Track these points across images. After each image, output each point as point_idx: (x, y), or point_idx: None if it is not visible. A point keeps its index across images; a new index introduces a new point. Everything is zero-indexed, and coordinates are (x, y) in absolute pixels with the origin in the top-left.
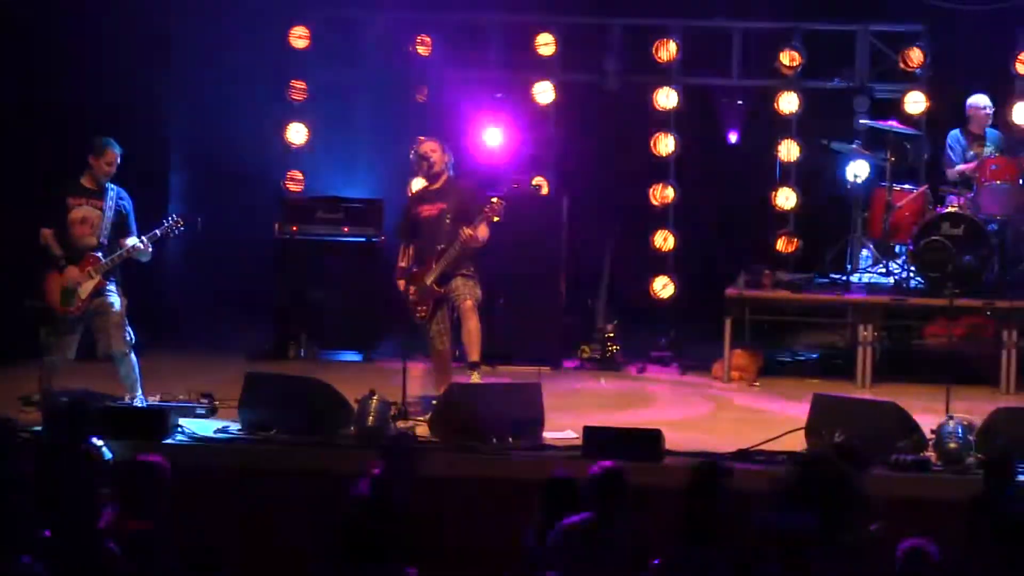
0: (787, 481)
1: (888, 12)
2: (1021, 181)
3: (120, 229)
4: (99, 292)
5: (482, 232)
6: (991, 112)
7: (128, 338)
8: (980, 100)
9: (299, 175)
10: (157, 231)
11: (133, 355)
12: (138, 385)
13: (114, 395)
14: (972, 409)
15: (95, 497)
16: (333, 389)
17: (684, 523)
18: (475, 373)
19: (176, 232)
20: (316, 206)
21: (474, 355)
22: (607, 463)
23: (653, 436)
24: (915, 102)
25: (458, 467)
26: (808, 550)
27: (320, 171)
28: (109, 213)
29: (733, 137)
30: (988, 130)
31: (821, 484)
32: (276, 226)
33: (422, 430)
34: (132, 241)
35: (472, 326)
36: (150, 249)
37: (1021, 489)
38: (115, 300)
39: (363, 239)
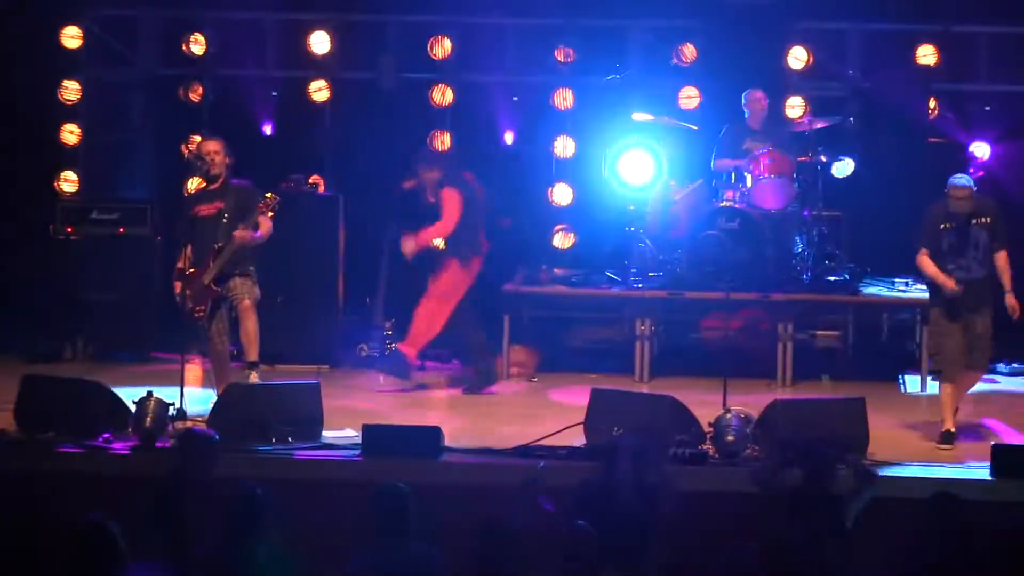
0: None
1: (662, 7)
2: (795, 175)
3: None
4: None
5: (263, 228)
6: (766, 106)
7: None
8: (755, 94)
9: (73, 176)
10: None
11: None
12: None
13: None
14: (749, 402)
15: None
16: (109, 391)
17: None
18: (254, 373)
19: None
20: (91, 207)
21: (252, 354)
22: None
23: (432, 433)
24: (689, 97)
25: (238, 467)
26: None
27: (95, 172)
28: None
29: (509, 135)
30: (763, 124)
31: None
32: (50, 227)
33: None
34: None
35: (250, 326)
36: None
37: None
38: None
39: (139, 239)
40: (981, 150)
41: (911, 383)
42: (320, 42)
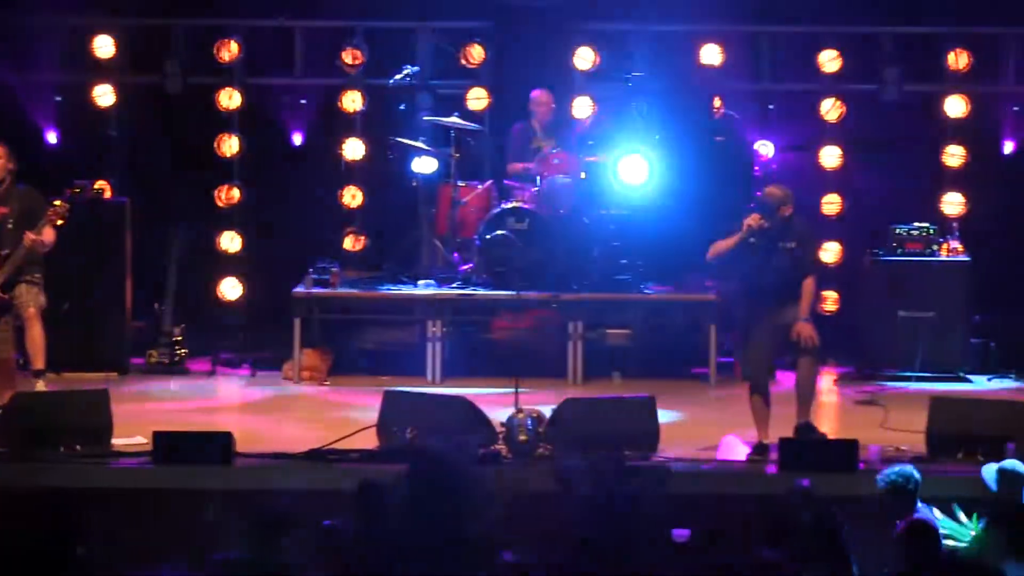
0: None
1: (449, 9)
2: (583, 175)
3: None
4: None
5: (47, 236)
6: (553, 107)
7: None
8: (542, 95)
9: None
10: None
11: None
12: None
13: None
14: (541, 401)
15: None
16: None
17: None
18: (40, 381)
19: None
20: None
21: (39, 363)
22: None
23: (224, 439)
24: (477, 98)
25: (26, 477)
26: None
27: None
28: None
29: (298, 138)
30: (550, 124)
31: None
32: None
33: None
34: None
35: (36, 333)
36: None
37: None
38: None
39: None
40: (766, 148)
41: (702, 379)
42: (104, 46)
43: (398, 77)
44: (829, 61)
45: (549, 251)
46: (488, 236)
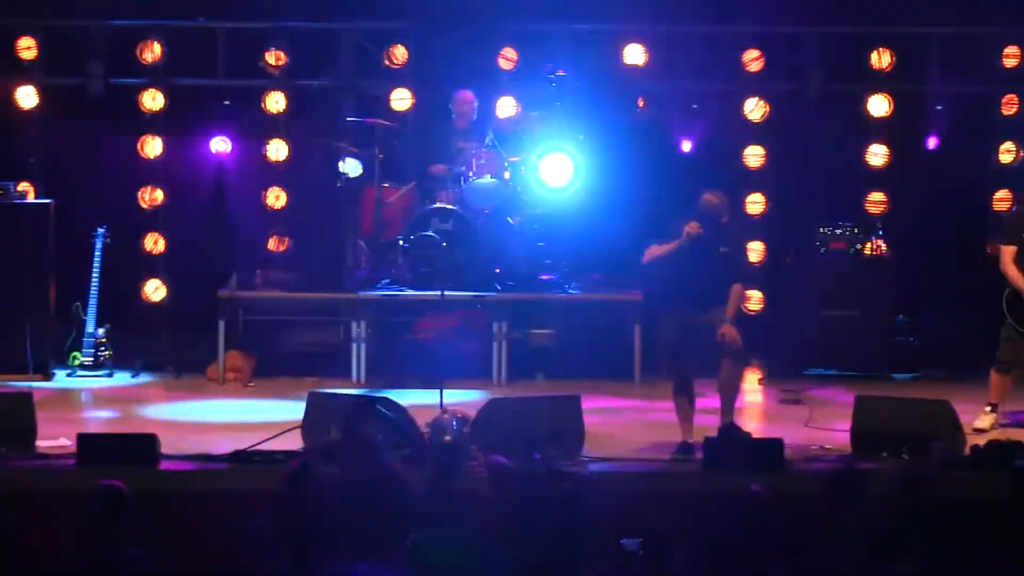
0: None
1: (372, 10)
2: (507, 175)
3: None
4: None
5: None
6: (476, 107)
7: None
8: (465, 96)
9: None
10: None
11: None
12: None
13: None
14: (466, 402)
15: None
16: None
17: None
18: None
19: None
20: None
21: None
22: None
23: (148, 440)
24: (401, 99)
25: None
26: None
27: None
28: None
29: (227, 142)
30: (474, 125)
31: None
32: None
33: None
34: None
35: None
36: None
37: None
38: None
39: None
40: (685, 146)
41: (627, 379)
42: (26, 48)
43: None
44: (752, 61)
45: (474, 252)
46: (412, 237)
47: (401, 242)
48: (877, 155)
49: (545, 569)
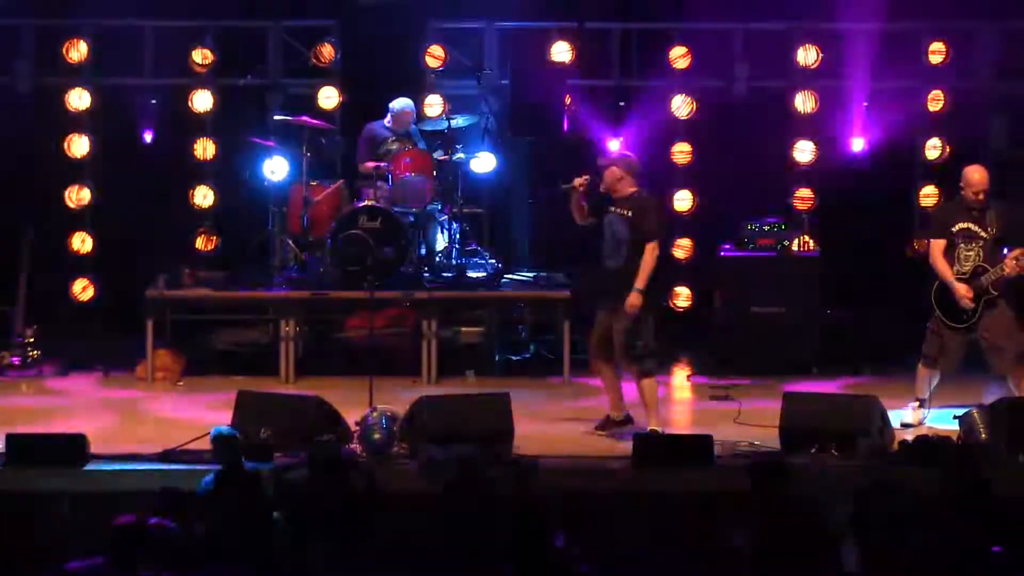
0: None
1: (299, 8)
2: (435, 173)
3: None
4: None
5: None
6: (413, 112)
7: None
8: (403, 103)
9: None
10: None
11: None
12: None
13: None
14: (395, 399)
15: None
16: None
17: None
18: None
19: None
20: None
21: None
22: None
23: (77, 440)
24: (328, 97)
25: None
26: None
27: None
28: None
29: (148, 136)
30: (402, 123)
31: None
32: None
33: None
34: None
35: None
36: None
37: None
38: None
39: None
40: (613, 143)
41: (555, 375)
42: None
43: None
44: (679, 58)
45: (402, 249)
46: (341, 235)
47: (329, 240)
48: (803, 151)
49: (473, 556)
